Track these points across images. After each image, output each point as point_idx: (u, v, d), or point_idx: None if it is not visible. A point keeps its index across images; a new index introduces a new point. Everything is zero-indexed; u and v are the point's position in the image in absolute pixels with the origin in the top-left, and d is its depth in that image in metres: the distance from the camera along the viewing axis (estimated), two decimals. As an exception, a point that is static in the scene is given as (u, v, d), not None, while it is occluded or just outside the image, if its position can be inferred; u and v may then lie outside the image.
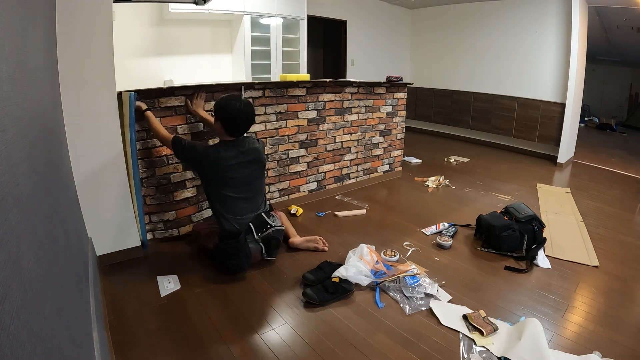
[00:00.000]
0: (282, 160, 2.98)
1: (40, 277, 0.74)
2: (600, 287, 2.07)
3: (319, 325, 1.71)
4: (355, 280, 1.96)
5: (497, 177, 4.11)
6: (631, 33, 5.54)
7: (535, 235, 2.41)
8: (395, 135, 3.81)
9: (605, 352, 1.55)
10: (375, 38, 6.05)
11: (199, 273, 2.10)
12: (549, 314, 1.82)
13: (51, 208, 1.07)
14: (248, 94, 2.65)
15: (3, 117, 0.65)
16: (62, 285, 0.98)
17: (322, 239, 2.39)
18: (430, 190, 3.63)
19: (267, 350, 1.56)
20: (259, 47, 4.39)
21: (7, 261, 0.55)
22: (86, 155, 1.97)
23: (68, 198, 1.60)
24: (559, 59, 4.77)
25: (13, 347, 0.50)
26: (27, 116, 0.90)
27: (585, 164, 4.91)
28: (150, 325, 1.69)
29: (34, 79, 1.09)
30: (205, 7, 3.67)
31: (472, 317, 1.72)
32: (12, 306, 0.52)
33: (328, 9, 5.30)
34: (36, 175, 0.92)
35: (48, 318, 0.73)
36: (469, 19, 5.74)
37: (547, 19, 4.84)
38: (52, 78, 1.58)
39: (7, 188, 0.61)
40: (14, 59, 0.81)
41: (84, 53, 1.86)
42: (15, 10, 0.86)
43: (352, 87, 3.28)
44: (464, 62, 5.90)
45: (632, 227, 2.91)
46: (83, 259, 1.63)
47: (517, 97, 5.25)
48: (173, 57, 4.11)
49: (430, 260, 2.30)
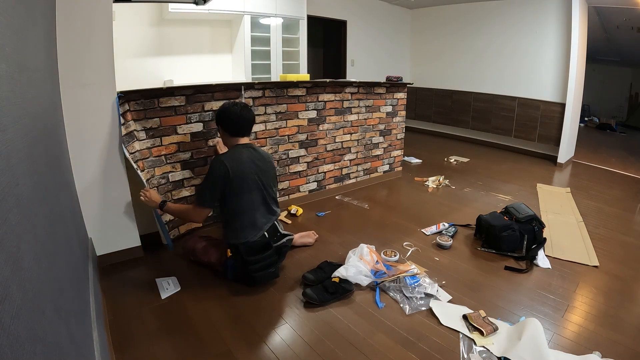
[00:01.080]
0: (282, 160, 2.98)
1: (40, 277, 0.74)
2: (600, 287, 2.07)
3: (319, 325, 1.71)
4: (355, 280, 1.96)
5: (497, 177, 4.11)
6: (631, 33, 5.54)
7: (535, 235, 2.40)
8: (395, 135, 3.81)
9: (605, 352, 1.55)
10: (375, 38, 6.05)
11: (198, 273, 2.10)
12: (549, 314, 1.82)
13: (51, 208, 1.07)
14: (248, 94, 2.65)
15: (3, 117, 0.65)
16: (62, 285, 0.98)
17: (314, 232, 2.47)
18: (430, 190, 3.63)
19: (267, 350, 1.56)
20: (259, 47, 4.39)
21: (7, 261, 0.55)
22: (86, 155, 1.97)
23: (68, 198, 1.60)
24: (559, 59, 4.77)
25: (13, 347, 0.50)
26: (27, 116, 0.90)
27: (585, 164, 4.91)
28: (150, 326, 1.69)
29: (34, 79, 1.09)
30: (205, 7, 3.67)
31: (472, 317, 1.72)
32: (12, 306, 0.52)
33: (328, 9, 5.30)
34: (36, 175, 0.92)
35: (48, 318, 0.73)
36: (469, 18, 5.74)
37: (547, 19, 4.84)
38: (52, 78, 1.58)
39: (7, 188, 0.62)
40: (14, 59, 0.81)
41: (84, 53, 1.86)
42: (15, 11, 0.86)
43: (352, 87, 3.28)
44: (464, 62, 5.90)
45: (632, 227, 2.91)
46: (83, 259, 1.63)
47: (517, 97, 5.25)
48: (173, 57, 4.11)
49: (430, 260, 2.30)
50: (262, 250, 1.95)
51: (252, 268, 1.91)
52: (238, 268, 1.95)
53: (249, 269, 1.91)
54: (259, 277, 1.94)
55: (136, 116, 2.18)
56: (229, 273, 1.99)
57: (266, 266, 1.95)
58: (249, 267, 1.91)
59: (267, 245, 1.97)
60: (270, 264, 1.97)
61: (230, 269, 1.98)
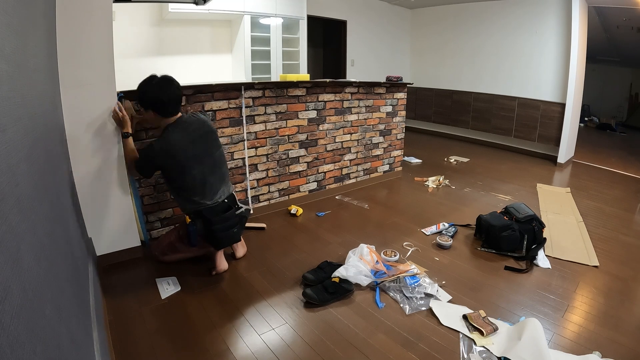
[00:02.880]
0: (282, 160, 2.98)
1: (40, 277, 0.74)
2: (600, 287, 2.07)
3: (319, 325, 1.71)
4: (355, 280, 1.96)
5: (497, 177, 4.11)
6: (631, 33, 5.54)
7: (535, 235, 2.41)
8: (395, 135, 3.81)
9: (605, 352, 1.55)
10: (375, 38, 6.05)
11: (198, 273, 2.10)
12: (549, 314, 1.82)
13: (51, 208, 1.07)
14: (248, 94, 2.65)
15: (3, 117, 0.65)
16: (62, 285, 0.98)
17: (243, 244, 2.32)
18: (430, 190, 3.63)
19: (267, 350, 1.56)
20: (259, 47, 4.39)
21: (7, 261, 0.55)
22: (86, 155, 1.97)
23: (68, 198, 1.60)
24: (559, 59, 4.77)
25: (13, 347, 0.50)
26: (27, 116, 0.90)
27: (585, 164, 4.91)
28: (150, 326, 1.69)
29: (34, 79, 1.08)
30: (205, 7, 3.67)
31: (472, 317, 1.72)
32: (12, 306, 0.52)
33: (328, 9, 5.30)
34: (36, 175, 0.92)
35: (48, 318, 0.73)
36: (469, 18, 5.74)
37: (547, 19, 4.84)
38: (52, 78, 1.58)
39: (7, 188, 0.61)
40: (14, 59, 0.81)
41: (84, 53, 1.86)
42: (15, 11, 0.86)
43: (352, 87, 3.28)
44: (464, 62, 5.90)
45: (632, 227, 2.91)
46: (83, 259, 1.63)
47: (517, 97, 5.25)
48: (173, 57, 4.11)
49: (430, 260, 2.30)
50: (224, 212, 2.00)
51: (216, 228, 1.95)
52: (200, 231, 1.99)
53: (213, 229, 1.95)
54: (223, 236, 2.00)
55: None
56: (192, 238, 2.01)
57: (229, 227, 2.00)
58: (213, 227, 1.95)
59: (228, 208, 2.03)
60: (232, 225, 2.01)
61: (193, 233, 2.00)
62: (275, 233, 2.63)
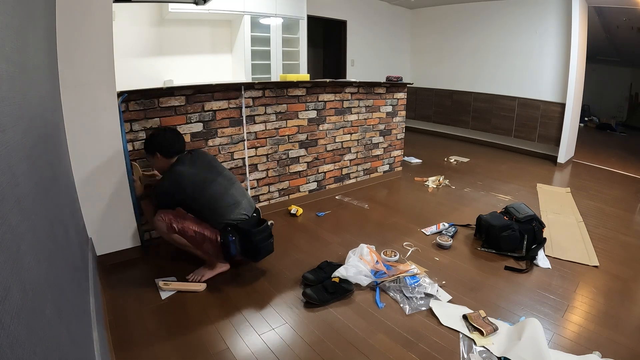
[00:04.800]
0: (282, 160, 2.98)
1: (40, 277, 0.74)
2: (600, 287, 2.07)
3: (319, 325, 1.71)
4: (355, 280, 1.96)
5: (497, 177, 4.11)
6: (631, 33, 5.54)
7: (535, 235, 2.40)
8: (395, 135, 3.81)
9: (605, 352, 1.55)
10: (375, 38, 6.05)
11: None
12: (549, 314, 1.82)
13: (51, 208, 1.07)
14: (248, 94, 2.65)
15: (3, 117, 0.65)
16: (62, 285, 0.98)
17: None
18: (430, 190, 3.63)
19: (267, 350, 1.56)
20: (259, 47, 4.39)
21: (7, 261, 0.55)
22: (86, 155, 1.97)
23: (68, 198, 1.60)
24: (559, 59, 4.77)
25: (13, 347, 0.50)
26: (27, 116, 0.90)
27: (585, 164, 4.90)
28: (150, 326, 1.69)
29: (34, 79, 1.08)
30: (205, 7, 3.67)
31: (472, 317, 1.72)
32: (12, 306, 0.52)
33: (328, 9, 5.30)
34: (36, 175, 0.92)
35: (48, 318, 0.73)
36: (469, 18, 5.73)
37: (547, 19, 4.84)
38: (52, 78, 1.58)
39: (7, 188, 0.61)
40: (14, 59, 0.81)
41: (84, 53, 1.86)
42: (15, 11, 0.86)
43: (352, 87, 3.28)
44: (464, 62, 5.90)
45: (632, 227, 2.91)
46: (83, 259, 1.63)
47: (517, 97, 5.25)
48: (173, 57, 4.11)
49: (430, 260, 2.30)
50: (258, 225, 2.03)
51: (257, 239, 1.97)
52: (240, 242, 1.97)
53: (254, 240, 1.96)
54: (262, 247, 2.01)
55: (136, 116, 2.18)
56: (232, 248, 1.95)
57: (267, 237, 2.03)
58: (253, 239, 1.95)
59: (261, 221, 2.07)
60: (269, 235, 2.05)
61: (232, 244, 1.94)
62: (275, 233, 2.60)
